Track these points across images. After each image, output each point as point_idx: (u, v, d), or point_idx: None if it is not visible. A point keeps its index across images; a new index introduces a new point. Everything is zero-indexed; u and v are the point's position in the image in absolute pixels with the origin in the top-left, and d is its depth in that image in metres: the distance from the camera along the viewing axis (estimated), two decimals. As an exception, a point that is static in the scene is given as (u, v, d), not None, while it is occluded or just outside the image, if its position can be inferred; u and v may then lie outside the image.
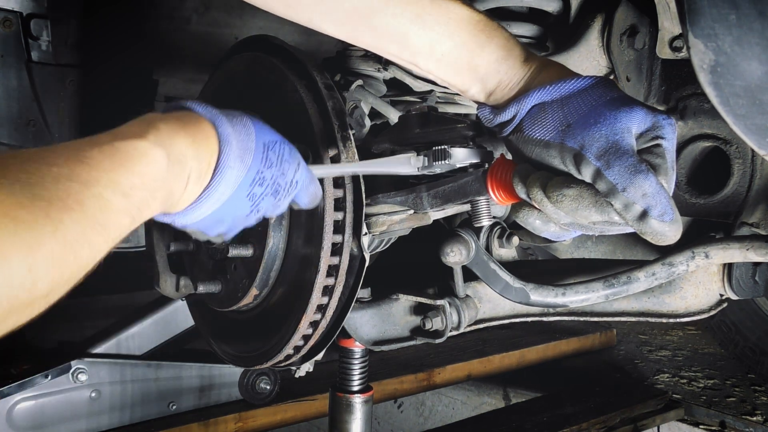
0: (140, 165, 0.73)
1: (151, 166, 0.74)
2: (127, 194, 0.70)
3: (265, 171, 0.89)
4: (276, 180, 0.91)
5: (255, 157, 0.87)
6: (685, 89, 1.45)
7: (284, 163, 0.91)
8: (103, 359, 1.97)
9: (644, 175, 0.80)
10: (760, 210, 1.39)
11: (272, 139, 0.91)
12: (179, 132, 0.79)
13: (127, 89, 2.09)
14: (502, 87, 0.96)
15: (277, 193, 0.92)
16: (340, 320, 1.17)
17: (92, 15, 1.96)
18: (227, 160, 0.84)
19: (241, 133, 0.86)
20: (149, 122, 0.79)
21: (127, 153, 0.72)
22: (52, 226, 0.59)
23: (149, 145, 0.75)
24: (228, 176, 0.84)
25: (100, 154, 0.70)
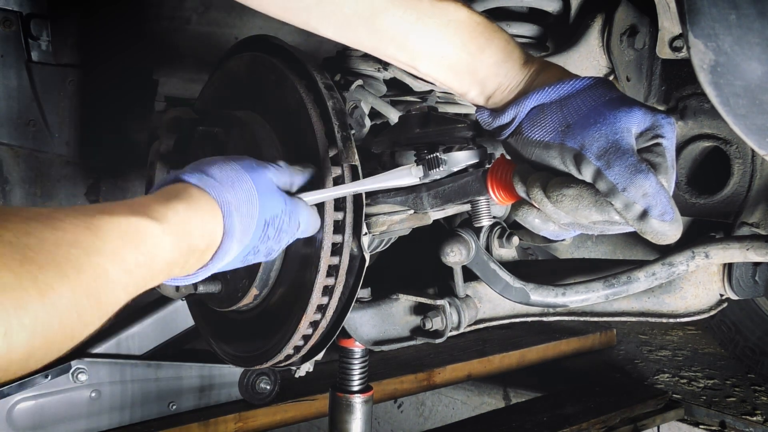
0: (149, 246, 0.74)
1: (159, 248, 0.75)
2: (129, 271, 0.70)
3: (261, 245, 0.94)
4: (270, 248, 0.96)
5: (254, 236, 0.92)
6: (685, 89, 1.45)
7: (281, 233, 0.96)
8: (103, 359, 1.97)
9: (644, 174, 0.80)
10: (760, 210, 1.39)
11: (274, 213, 0.94)
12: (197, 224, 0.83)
13: (127, 89, 2.09)
14: (502, 90, 0.96)
15: (270, 255, 0.98)
16: (340, 320, 1.17)
17: (92, 15, 1.96)
18: (227, 250, 0.88)
19: (245, 217, 0.90)
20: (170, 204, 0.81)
21: (138, 231, 0.73)
22: (39, 289, 0.57)
23: (162, 231, 0.76)
24: (226, 259, 0.89)
25: (111, 224, 0.70)
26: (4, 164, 1.93)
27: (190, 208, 0.83)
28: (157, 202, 0.80)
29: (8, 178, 1.93)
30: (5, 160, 1.93)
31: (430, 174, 1.08)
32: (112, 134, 2.07)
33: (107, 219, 0.70)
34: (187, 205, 0.82)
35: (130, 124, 2.11)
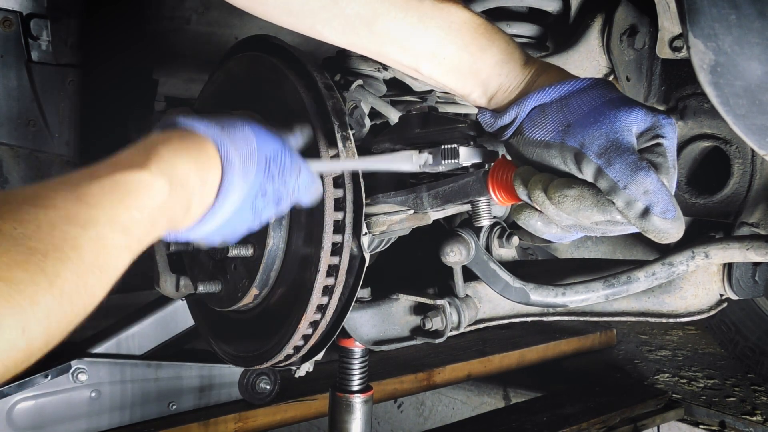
0: (142, 198, 0.72)
1: (152, 197, 0.74)
2: (127, 230, 0.70)
3: (268, 184, 0.90)
4: (278, 190, 0.92)
5: (257, 171, 0.88)
6: (685, 89, 1.45)
7: (286, 172, 0.92)
8: (103, 359, 1.97)
9: (645, 172, 0.80)
10: (760, 210, 1.39)
11: (273, 149, 0.92)
12: (182, 156, 0.80)
13: (127, 89, 2.09)
14: (503, 90, 0.96)
15: (280, 202, 0.94)
16: (340, 320, 1.17)
17: (92, 15, 1.96)
18: (231, 181, 0.84)
19: (243, 150, 0.87)
20: (150, 148, 0.78)
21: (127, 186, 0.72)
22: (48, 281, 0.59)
23: (150, 175, 0.74)
24: (231, 196, 0.85)
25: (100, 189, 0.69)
26: (4, 164, 1.93)
27: (173, 144, 0.80)
28: (140, 150, 0.79)
29: (8, 178, 1.93)
30: (5, 160, 1.93)
31: (442, 164, 1.06)
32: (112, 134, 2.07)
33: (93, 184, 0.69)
34: (170, 144, 0.80)
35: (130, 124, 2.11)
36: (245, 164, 0.87)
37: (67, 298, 0.61)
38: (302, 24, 0.97)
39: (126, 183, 0.72)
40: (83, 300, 0.64)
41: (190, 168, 0.80)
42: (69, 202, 0.66)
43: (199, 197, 0.82)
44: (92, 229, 0.65)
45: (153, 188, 0.74)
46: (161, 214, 0.75)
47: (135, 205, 0.71)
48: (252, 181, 0.88)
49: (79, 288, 0.62)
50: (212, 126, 0.86)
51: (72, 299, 0.62)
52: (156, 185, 0.75)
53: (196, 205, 0.82)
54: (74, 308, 0.62)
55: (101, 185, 0.70)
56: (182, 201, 0.79)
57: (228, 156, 0.84)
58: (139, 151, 0.78)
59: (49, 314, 0.59)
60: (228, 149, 0.85)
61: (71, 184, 0.69)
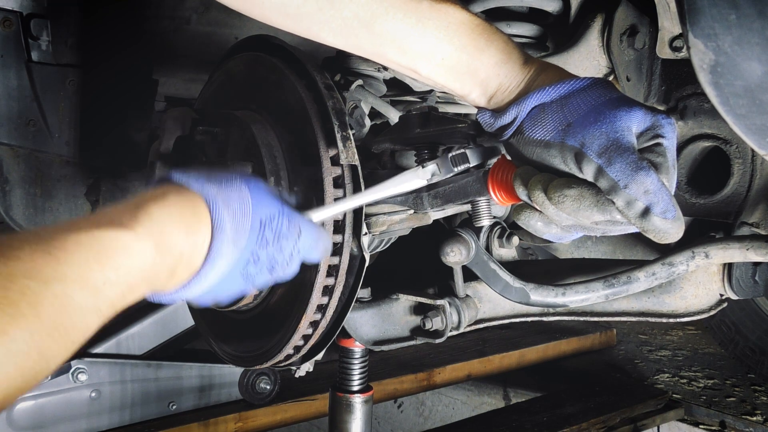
0: (119, 258, 0.68)
1: (132, 259, 0.70)
2: (97, 291, 0.65)
3: (260, 251, 0.86)
4: (272, 258, 0.88)
5: (250, 237, 0.85)
6: (685, 89, 1.45)
7: (281, 239, 0.89)
8: (103, 359, 1.97)
9: (646, 171, 0.80)
10: (760, 210, 1.39)
11: (270, 213, 0.88)
12: (173, 218, 0.76)
13: (127, 89, 2.09)
14: (502, 90, 0.96)
15: (274, 270, 0.90)
16: (340, 320, 1.17)
17: (92, 15, 1.96)
18: (219, 248, 0.81)
19: (236, 213, 0.83)
20: (141, 206, 0.75)
21: (105, 245, 0.68)
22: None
23: (134, 236, 0.71)
24: (219, 263, 0.82)
25: (75, 245, 0.65)
26: (4, 164, 1.93)
27: (166, 206, 0.76)
28: (129, 208, 0.75)
29: (8, 178, 1.93)
30: (5, 160, 1.93)
31: (454, 171, 1.06)
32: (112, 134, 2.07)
33: (68, 238, 0.65)
34: (162, 204, 0.76)
35: (130, 124, 2.11)
36: (237, 229, 0.83)
37: (12, 359, 0.56)
38: (299, 26, 0.96)
39: (104, 241, 0.68)
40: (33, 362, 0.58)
41: (180, 231, 0.77)
42: (36, 254, 0.61)
43: (186, 261, 0.79)
44: (56, 286, 0.61)
45: (134, 250, 0.70)
46: (141, 277, 0.72)
47: (110, 265, 0.67)
48: (243, 247, 0.84)
49: (29, 349, 0.57)
50: (207, 185, 0.82)
51: (18, 360, 0.56)
52: (138, 248, 0.71)
53: (183, 269, 0.79)
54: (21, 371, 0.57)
55: (77, 240, 0.66)
56: (167, 265, 0.76)
57: (220, 220, 0.81)
58: (128, 208, 0.75)
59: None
60: (220, 213, 0.81)
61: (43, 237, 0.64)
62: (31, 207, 1.97)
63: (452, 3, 0.95)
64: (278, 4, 0.94)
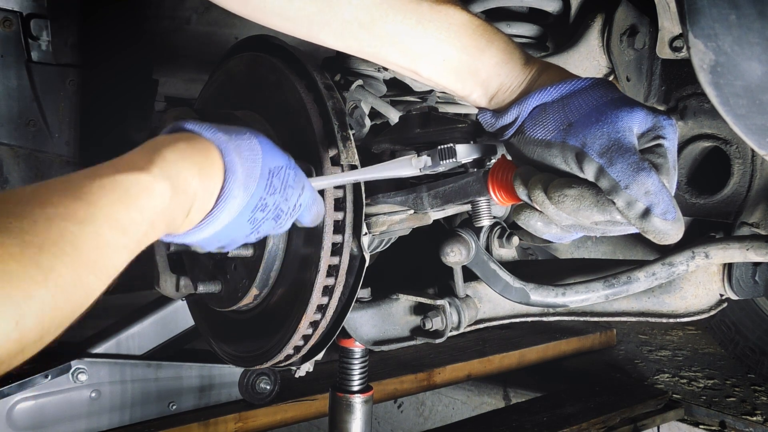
0: (141, 199, 0.72)
1: (153, 199, 0.74)
2: (125, 230, 0.69)
3: (268, 197, 0.89)
4: (278, 205, 0.92)
5: (259, 184, 0.88)
6: (685, 89, 1.45)
7: (288, 189, 0.92)
8: (103, 359, 1.97)
9: (647, 172, 0.80)
10: (760, 210, 1.39)
11: (278, 164, 0.91)
12: (186, 161, 0.79)
13: (127, 89, 2.09)
14: (504, 90, 0.96)
15: (279, 218, 0.93)
16: (340, 320, 1.17)
17: (92, 15, 1.96)
18: (231, 189, 0.84)
19: (246, 160, 0.87)
20: (155, 150, 0.78)
21: (128, 187, 0.72)
22: (43, 274, 0.58)
23: (152, 178, 0.74)
24: (231, 205, 0.85)
25: (100, 189, 0.69)
26: (4, 164, 1.93)
27: (179, 149, 0.80)
28: (144, 152, 0.78)
29: (8, 178, 1.93)
30: (5, 160, 1.93)
31: (440, 164, 1.06)
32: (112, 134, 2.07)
33: (94, 183, 0.69)
34: (175, 148, 0.80)
35: (130, 124, 2.11)
36: (248, 175, 0.86)
37: (62, 293, 0.60)
38: (299, 29, 0.96)
39: (126, 184, 0.72)
40: (79, 296, 0.63)
41: (193, 173, 0.80)
42: (67, 199, 0.65)
43: (200, 203, 0.82)
44: (90, 226, 0.65)
45: (154, 191, 0.74)
46: (161, 216, 0.75)
47: (134, 206, 0.71)
48: (253, 192, 0.87)
49: (75, 283, 0.62)
50: (219, 132, 0.86)
51: (67, 294, 0.61)
52: (157, 188, 0.74)
53: (196, 210, 0.82)
54: (69, 304, 0.62)
55: (101, 185, 0.70)
56: (182, 205, 0.79)
57: (231, 164, 0.84)
58: (144, 153, 0.78)
59: (43, 308, 0.58)
60: (232, 157, 0.85)
61: (70, 183, 0.68)
62: (31, 207, 1.96)
63: (452, 4, 0.95)
64: (278, 7, 0.94)
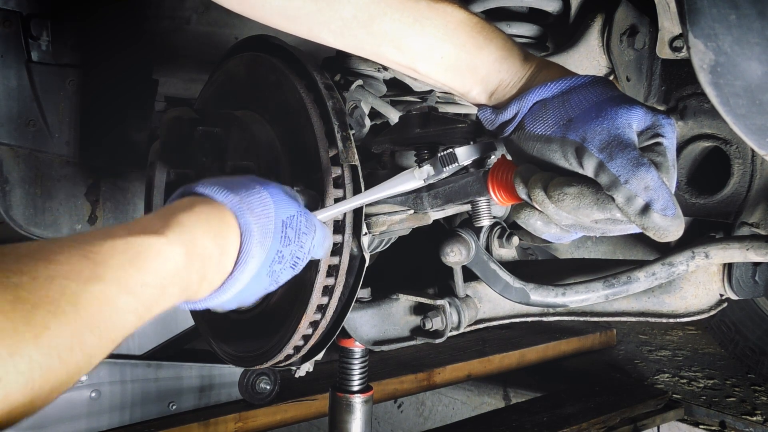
0: (154, 263, 0.71)
1: (165, 263, 0.72)
2: (135, 293, 0.67)
3: (284, 249, 0.90)
4: (294, 254, 0.92)
5: (275, 238, 0.88)
6: (685, 89, 1.45)
7: (302, 236, 0.92)
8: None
9: (646, 168, 0.80)
10: (760, 210, 1.39)
11: (290, 214, 0.91)
12: (201, 225, 0.79)
13: (127, 89, 2.09)
14: (503, 86, 0.96)
15: (296, 265, 0.93)
16: (340, 320, 1.17)
17: (92, 15, 1.96)
18: (249, 249, 0.84)
19: (260, 217, 0.87)
20: (170, 215, 0.78)
21: (140, 249, 0.70)
22: (33, 331, 0.55)
23: (166, 241, 0.73)
24: (250, 265, 0.85)
25: (111, 249, 0.67)
26: (4, 164, 1.93)
27: (194, 214, 0.79)
28: (159, 216, 0.78)
29: (8, 178, 1.93)
30: (5, 160, 1.93)
31: (444, 170, 1.06)
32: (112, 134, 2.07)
33: (105, 243, 0.67)
34: (190, 213, 0.79)
35: (130, 124, 2.11)
36: (263, 232, 0.86)
37: (56, 353, 0.57)
38: (299, 27, 0.97)
39: (139, 246, 0.70)
40: (77, 358, 0.59)
41: (209, 237, 0.79)
42: (74, 257, 0.63)
43: (217, 267, 0.81)
44: (95, 286, 0.63)
45: (167, 254, 0.73)
46: (174, 282, 0.74)
47: (146, 269, 0.69)
48: (269, 247, 0.87)
49: (72, 345, 0.59)
50: (230, 194, 0.85)
51: (62, 355, 0.57)
52: (170, 252, 0.73)
53: (213, 274, 0.81)
54: (65, 365, 0.58)
55: (113, 245, 0.68)
56: (198, 270, 0.78)
57: (246, 225, 0.84)
58: (159, 217, 0.78)
59: (31, 367, 0.55)
60: (246, 218, 0.85)
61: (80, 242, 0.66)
62: (31, 207, 1.97)
63: (450, 2, 0.95)
64: (278, 6, 0.94)
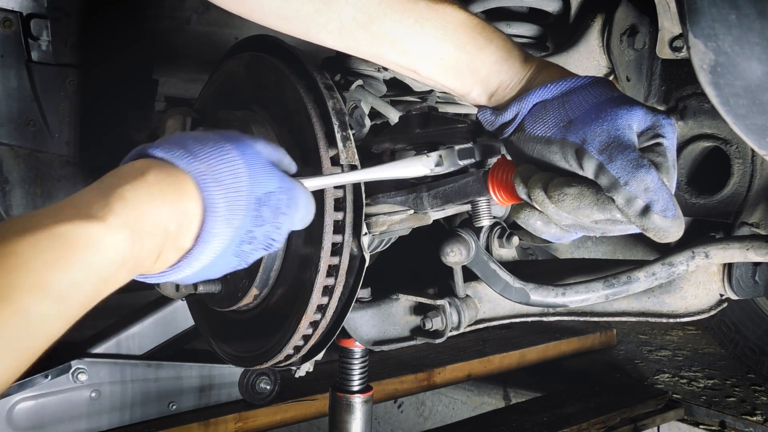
0: (88, 255, 0.61)
1: (104, 252, 0.63)
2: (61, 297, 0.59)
3: (256, 229, 0.81)
4: (269, 236, 0.83)
5: (245, 216, 0.79)
6: (685, 89, 1.45)
7: (280, 216, 0.83)
8: (103, 359, 1.97)
9: (646, 169, 0.80)
10: (760, 210, 1.39)
11: (267, 190, 0.81)
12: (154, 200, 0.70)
13: (127, 89, 2.09)
14: (503, 87, 0.96)
15: (270, 247, 0.85)
16: (340, 320, 1.17)
17: (92, 15, 1.96)
18: (211, 229, 0.75)
19: (229, 191, 0.77)
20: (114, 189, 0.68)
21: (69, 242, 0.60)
22: None
23: (104, 229, 0.64)
24: (211, 245, 0.76)
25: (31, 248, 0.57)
26: (4, 164, 1.93)
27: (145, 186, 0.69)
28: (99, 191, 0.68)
29: (8, 178, 1.93)
30: (5, 160, 1.93)
31: (459, 164, 1.06)
32: (112, 134, 2.07)
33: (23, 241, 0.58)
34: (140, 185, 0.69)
35: (130, 124, 2.11)
36: (230, 208, 0.77)
37: None
38: (297, 29, 0.96)
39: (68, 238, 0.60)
40: None
41: (162, 214, 0.70)
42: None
43: (173, 243, 0.73)
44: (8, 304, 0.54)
45: (105, 243, 0.63)
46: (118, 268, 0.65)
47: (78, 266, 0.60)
48: (238, 226, 0.78)
49: None
50: (194, 161, 0.76)
51: None
52: (110, 239, 0.64)
53: (169, 251, 0.73)
54: None
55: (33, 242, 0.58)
56: (150, 249, 0.70)
57: (210, 200, 0.75)
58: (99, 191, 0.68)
59: None
60: (211, 191, 0.75)
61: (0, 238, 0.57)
62: (31, 207, 1.97)
63: (450, 3, 0.95)
64: (276, 7, 0.94)
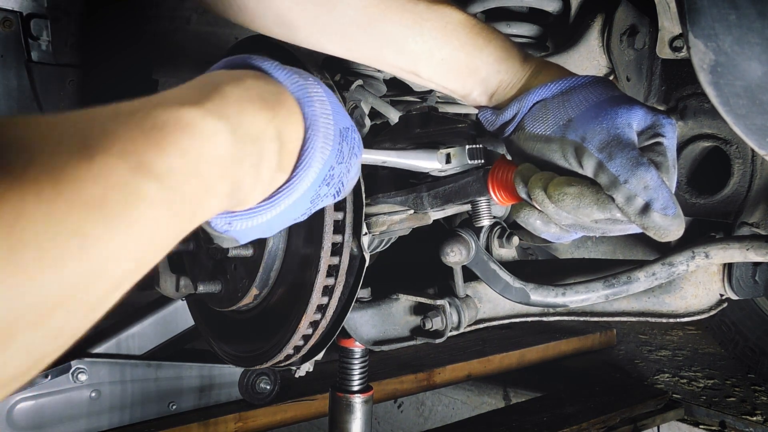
0: (183, 139, 0.49)
1: (201, 141, 0.51)
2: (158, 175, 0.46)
3: (336, 167, 0.71)
4: (341, 178, 0.73)
5: (333, 148, 0.69)
6: (685, 89, 1.45)
7: (352, 157, 0.74)
8: (103, 359, 1.97)
9: (646, 167, 0.80)
10: (760, 210, 1.39)
11: (346, 125, 0.74)
12: (254, 101, 0.58)
13: (127, 89, 2.09)
14: (503, 87, 0.96)
15: (338, 194, 0.75)
16: (340, 320, 1.17)
17: (92, 15, 1.96)
18: (314, 149, 0.65)
19: (322, 116, 0.68)
20: (213, 84, 0.57)
21: (165, 124, 0.49)
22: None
23: (203, 114, 0.52)
24: (312, 171, 0.65)
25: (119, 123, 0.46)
26: (4, 164, 1.92)
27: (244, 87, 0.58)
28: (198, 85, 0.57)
29: (8, 178, 1.93)
30: (5, 160, 1.92)
31: (468, 164, 1.07)
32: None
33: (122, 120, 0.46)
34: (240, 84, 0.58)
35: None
36: (325, 135, 0.67)
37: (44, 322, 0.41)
38: (298, 35, 0.96)
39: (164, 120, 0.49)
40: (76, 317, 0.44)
41: (266, 120, 0.58)
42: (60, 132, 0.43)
43: (277, 162, 0.61)
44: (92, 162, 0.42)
45: (202, 130, 0.51)
46: (220, 171, 0.53)
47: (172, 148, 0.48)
48: (327, 157, 0.68)
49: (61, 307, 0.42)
50: (294, 75, 0.66)
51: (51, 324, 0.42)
52: (210, 128, 0.52)
53: (268, 171, 0.60)
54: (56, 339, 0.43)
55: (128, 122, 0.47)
56: (250, 159, 0.56)
57: (314, 118, 0.65)
58: (198, 85, 0.57)
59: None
60: (315, 109, 0.66)
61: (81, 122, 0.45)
62: (31, 207, 1.96)
63: (449, 4, 0.95)
64: (276, 14, 0.93)
